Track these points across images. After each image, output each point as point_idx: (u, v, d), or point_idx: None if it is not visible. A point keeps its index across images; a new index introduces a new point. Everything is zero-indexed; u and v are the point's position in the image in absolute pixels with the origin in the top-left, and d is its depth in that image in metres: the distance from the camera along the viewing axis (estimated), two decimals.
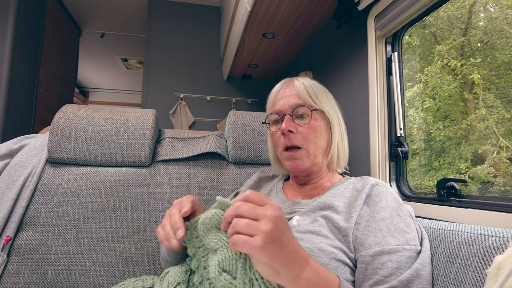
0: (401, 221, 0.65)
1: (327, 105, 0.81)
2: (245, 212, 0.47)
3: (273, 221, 0.46)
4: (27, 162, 1.03)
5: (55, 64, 2.59)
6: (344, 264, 0.62)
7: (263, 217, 0.46)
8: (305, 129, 0.77)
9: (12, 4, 1.95)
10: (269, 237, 0.45)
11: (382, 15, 1.07)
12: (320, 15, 1.63)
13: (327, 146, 0.80)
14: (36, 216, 0.95)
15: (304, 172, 0.80)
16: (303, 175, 0.82)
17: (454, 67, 1.73)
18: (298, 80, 0.83)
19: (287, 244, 0.47)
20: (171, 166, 1.12)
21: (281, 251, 0.46)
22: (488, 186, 1.49)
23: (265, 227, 0.45)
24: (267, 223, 0.45)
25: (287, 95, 0.81)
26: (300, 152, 0.77)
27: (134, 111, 1.16)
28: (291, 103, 0.79)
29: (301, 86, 0.80)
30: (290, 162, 0.79)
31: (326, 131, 0.80)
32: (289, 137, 0.77)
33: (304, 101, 0.79)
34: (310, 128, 0.77)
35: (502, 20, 1.52)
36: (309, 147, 0.77)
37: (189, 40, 2.84)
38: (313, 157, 0.78)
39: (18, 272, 0.89)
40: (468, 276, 0.56)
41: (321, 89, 0.84)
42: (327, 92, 0.85)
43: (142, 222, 1.02)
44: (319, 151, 0.78)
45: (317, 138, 0.78)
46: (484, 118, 1.57)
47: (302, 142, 0.77)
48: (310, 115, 0.78)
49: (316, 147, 0.78)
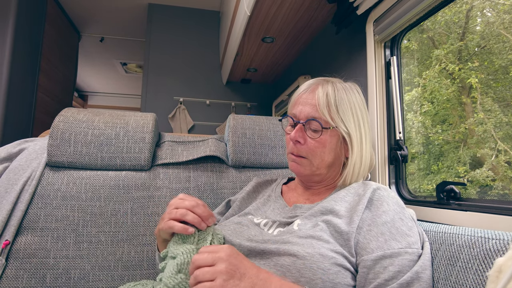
0: (403, 224, 0.65)
1: (349, 122, 0.75)
2: (202, 262, 0.54)
3: (226, 260, 0.54)
4: (26, 165, 1.03)
5: (54, 68, 2.59)
6: (345, 269, 0.62)
7: (218, 259, 0.54)
8: (314, 143, 0.76)
9: (12, 8, 1.96)
10: (226, 274, 0.52)
11: (381, 20, 1.08)
12: (319, 19, 1.64)
13: (334, 161, 0.78)
14: (35, 220, 0.95)
15: (305, 177, 0.81)
16: (305, 180, 0.83)
17: (452, 71, 1.74)
18: (323, 87, 0.77)
19: (245, 273, 0.55)
20: (170, 169, 1.12)
21: (241, 281, 0.54)
22: (486, 189, 1.50)
23: (220, 267, 0.53)
24: (221, 264, 0.53)
25: (307, 102, 0.77)
26: (304, 160, 0.78)
27: (134, 114, 1.16)
28: (307, 112, 0.76)
29: (322, 98, 0.75)
30: (292, 164, 0.80)
31: (337, 147, 0.77)
32: (297, 147, 0.77)
33: (320, 115, 0.75)
34: (319, 142, 0.76)
35: (499, 24, 1.53)
36: (314, 160, 0.77)
37: (188, 44, 2.85)
38: (315, 169, 0.78)
39: (17, 277, 0.89)
40: (469, 279, 0.56)
41: (348, 101, 0.77)
42: (355, 103, 0.78)
43: (142, 226, 1.01)
44: (324, 164, 0.77)
45: (324, 153, 0.76)
46: (482, 122, 1.58)
47: (307, 154, 0.77)
48: (321, 131, 0.75)
49: (322, 161, 0.77)
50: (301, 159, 0.78)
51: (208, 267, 0.53)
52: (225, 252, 0.55)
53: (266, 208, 0.83)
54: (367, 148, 0.79)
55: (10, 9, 1.95)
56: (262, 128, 1.20)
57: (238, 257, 0.57)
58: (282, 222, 0.73)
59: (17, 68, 2.00)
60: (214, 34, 2.91)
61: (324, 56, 1.67)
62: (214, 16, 2.93)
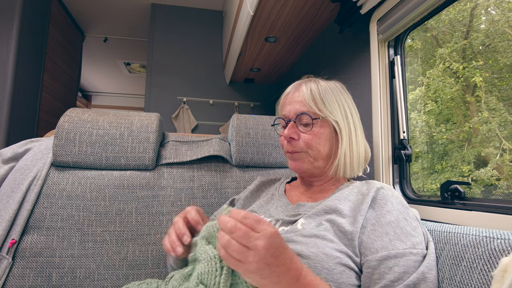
0: (408, 224, 0.65)
1: (335, 111, 0.78)
2: (237, 239, 0.48)
3: (262, 254, 0.47)
4: (32, 165, 1.04)
5: (58, 68, 2.60)
6: (349, 269, 0.62)
7: (253, 247, 0.47)
8: (308, 136, 0.78)
9: (17, 9, 1.97)
10: (256, 267, 0.47)
11: (385, 19, 1.08)
12: (322, 18, 1.64)
13: (330, 152, 0.79)
14: (41, 219, 0.96)
15: (306, 173, 0.81)
16: (306, 176, 0.83)
17: (456, 70, 1.73)
18: (307, 84, 0.81)
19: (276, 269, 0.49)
20: (175, 169, 1.12)
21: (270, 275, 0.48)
22: (491, 189, 1.49)
23: (253, 258, 0.47)
24: (255, 255, 0.47)
25: (294, 100, 0.81)
26: (302, 154, 0.79)
27: (138, 114, 1.17)
28: (295, 109, 0.79)
29: (307, 93, 0.78)
30: (291, 162, 0.81)
31: (331, 138, 0.79)
32: (292, 144, 0.79)
33: (308, 109, 0.77)
34: (312, 134, 0.77)
35: (503, 23, 1.52)
36: (311, 151, 0.78)
37: (191, 44, 2.85)
38: (313, 160, 0.78)
39: (23, 275, 0.90)
40: (473, 278, 0.56)
41: (332, 93, 0.80)
42: (340, 96, 0.81)
43: (146, 225, 1.02)
44: (321, 156, 0.78)
45: (319, 144, 0.78)
46: (486, 120, 1.57)
47: (303, 148, 0.78)
48: (312, 124, 0.78)
49: (318, 153, 0.78)
50: (298, 154, 0.79)
51: (241, 246, 0.47)
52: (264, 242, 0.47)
53: (270, 206, 0.83)
54: (358, 139, 0.80)
55: (15, 10, 1.97)
56: (265, 127, 1.20)
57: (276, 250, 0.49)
58: (286, 220, 0.74)
59: (22, 69, 2.01)
60: (217, 34, 2.91)
61: (328, 55, 1.66)
62: (217, 16, 2.93)
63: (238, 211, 0.50)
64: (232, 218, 0.49)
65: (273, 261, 0.48)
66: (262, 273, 0.48)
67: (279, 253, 0.49)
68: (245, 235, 0.47)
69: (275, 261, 0.48)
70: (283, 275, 0.49)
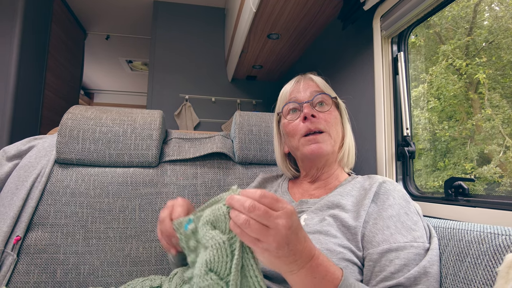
0: (409, 218, 0.65)
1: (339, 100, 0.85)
2: (256, 218, 0.45)
3: (283, 233, 0.45)
4: (36, 162, 1.04)
5: (61, 66, 2.61)
6: (353, 263, 0.62)
7: (274, 226, 0.45)
8: (327, 115, 0.79)
9: (19, 7, 1.97)
10: (276, 246, 0.45)
11: (388, 15, 1.08)
12: (325, 15, 1.63)
13: (342, 139, 0.82)
14: (45, 216, 0.96)
15: (324, 158, 0.78)
16: (321, 164, 0.80)
17: (459, 67, 1.72)
18: (313, 75, 0.86)
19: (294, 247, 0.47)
20: (178, 166, 1.12)
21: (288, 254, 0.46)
22: (494, 186, 1.48)
23: (273, 237, 0.45)
24: (276, 235, 0.45)
25: (308, 85, 0.83)
26: (323, 135, 0.77)
27: (141, 112, 1.17)
28: (311, 90, 0.81)
29: (318, 79, 0.84)
30: (312, 146, 0.76)
31: (341, 124, 0.83)
32: (312, 121, 0.77)
33: (323, 90, 0.82)
34: (330, 114, 0.79)
35: (507, 19, 1.51)
36: (332, 132, 0.78)
37: (193, 41, 2.85)
38: (334, 143, 0.79)
39: (28, 272, 0.90)
40: (478, 275, 0.56)
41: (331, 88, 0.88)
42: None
43: (150, 222, 1.02)
44: (338, 139, 0.80)
45: (337, 125, 0.80)
46: (489, 118, 1.56)
47: (325, 126, 0.77)
48: (330, 104, 0.80)
49: (337, 135, 0.80)
50: (320, 135, 0.77)
51: (260, 226, 0.45)
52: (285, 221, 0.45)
53: None
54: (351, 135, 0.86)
55: (17, 8, 1.97)
56: (268, 124, 1.20)
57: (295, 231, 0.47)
58: None
59: (25, 67, 2.02)
60: (219, 31, 2.91)
61: (331, 52, 1.66)
62: (220, 13, 2.92)
63: (252, 190, 0.48)
64: (249, 197, 0.47)
65: (292, 239, 0.46)
66: (279, 252, 0.46)
67: (298, 231, 0.48)
68: (265, 214, 0.45)
69: (294, 238, 0.47)
70: (299, 254, 0.48)
